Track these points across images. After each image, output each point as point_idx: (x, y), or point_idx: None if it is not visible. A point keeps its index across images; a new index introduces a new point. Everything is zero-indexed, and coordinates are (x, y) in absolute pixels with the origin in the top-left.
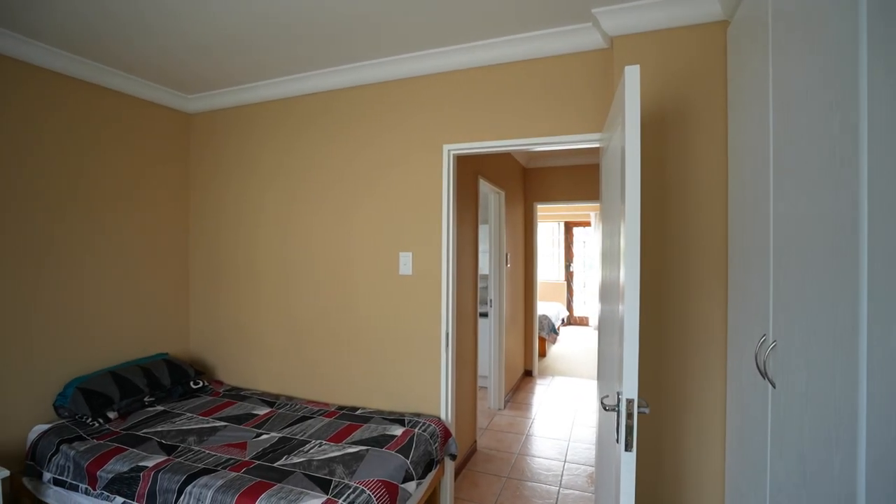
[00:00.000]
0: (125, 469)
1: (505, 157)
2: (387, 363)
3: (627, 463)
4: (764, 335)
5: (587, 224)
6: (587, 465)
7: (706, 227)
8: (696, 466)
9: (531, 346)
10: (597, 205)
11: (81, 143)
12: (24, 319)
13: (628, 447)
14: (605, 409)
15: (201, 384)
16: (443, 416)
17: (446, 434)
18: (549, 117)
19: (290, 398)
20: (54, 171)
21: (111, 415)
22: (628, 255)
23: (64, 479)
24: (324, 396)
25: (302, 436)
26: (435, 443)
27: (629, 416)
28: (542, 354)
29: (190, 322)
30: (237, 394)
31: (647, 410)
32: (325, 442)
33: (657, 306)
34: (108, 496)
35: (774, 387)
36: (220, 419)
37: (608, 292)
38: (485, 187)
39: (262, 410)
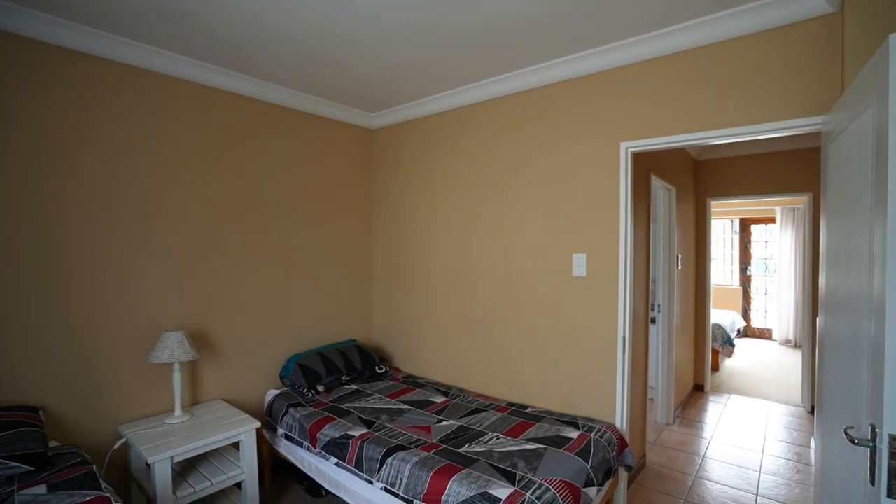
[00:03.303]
0: (337, 435)
1: (676, 151)
2: (557, 364)
3: None
4: None
5: (770, 221)
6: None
7: None
8: None
9: (702, 357)
10: (785, 198)
11: (301, 162)
12: (263, 305)
13: (892, 493)
14: (852, 442)
15: (384, 370)
16: (618, 424)
17: (622, 443)
18: (743, 103)
19: (461, 390)
20: (288, 189)
21: (320, 388)
22: (894, 260)
23: (292, 435)
24: (492, 391)
25: (479, 427)
26: (612, 451)
27: (894, 455)
28: (715, 368)
29: (372, 313)
30: (414, 381)
31: None
32: (501, 435)
33: None
34: (324, 455)
35: None
36: (404, 402)
37: (843, 303)
38: (655, 183)
39: (439, 399)
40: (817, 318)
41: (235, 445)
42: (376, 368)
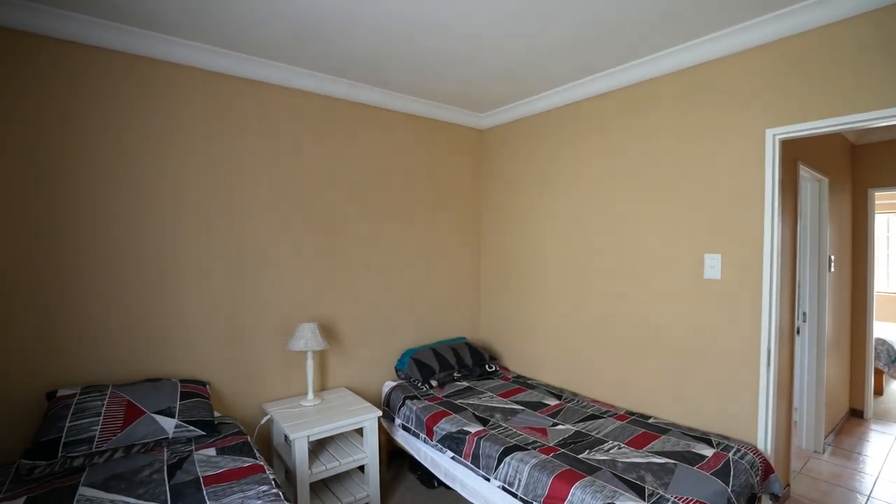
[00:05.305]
0: (454, 430)
1: (829, 135)
2: (684, 374)
3: None
4: None
5: None
6: None
7: None
8: None
9: (861, 378)
10: None
11: (415, 164)
12: (380, 301)
13: None
14: None
15: (494, 368)
16: (760, 446)
17: (767, 468)
18: None
19: (574, 394)
20: (402, 191)
21: (433, 382)
22: None
23: (409, 426)
24: (608, 398)
25: (597, 434)
26: (755, 475)
27: None
28: (878, 392)
29: (481, 312)
30: (525, 382)
31: None
32: (623, 445)
33: None
34: (441, 448)
35: None
36: (517, 403)
37: None
38: (803, 173)
39: (552, 401)
40: None
41: (358, 431)
42: (486, 367)
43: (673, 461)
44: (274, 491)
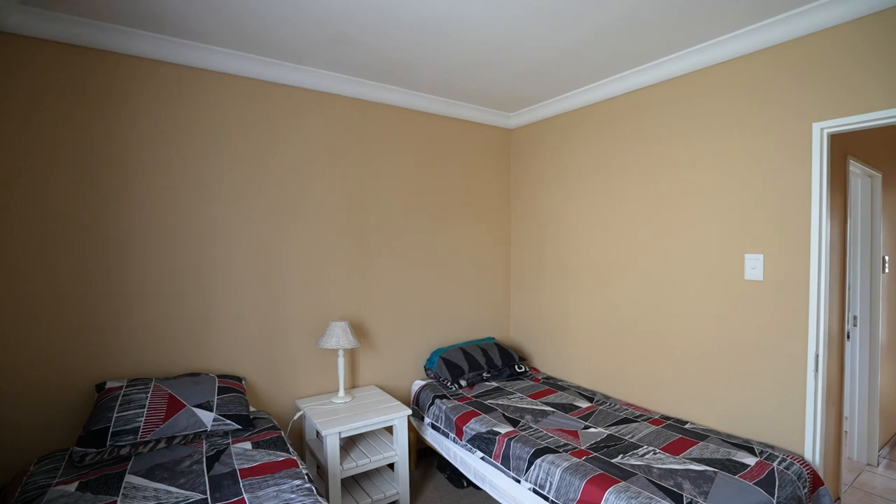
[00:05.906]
0: (483, 430)
1: (881, 128)
2: (724, 379)
3: None
4: None
5: None
6: None
7: None
8: None
9: None
10: None
11: (443, 165)
12: (410, 301)
13: None
14: None
15: (524, 369)
16: (808, 457)
17: (816, 480)
18: None
19: (606, 396)
20: (432, 193)
21: (462, 382)
22: None
23: (438, 425)
24: (641, 401)
25: (631, 438)
26: (803, 487)
27: None
28: None
29: (510, 312)
30: (555, 383)
31: None
32: (658, 450)
33: None
34: (470, 448)
35: None
36: (547, 404)
37: None
38: (853, 169)
39: (583, 404)
40: None
41: (387, 429)
42: (516, 367)
43: (713, 469)
44: (307, 485)
